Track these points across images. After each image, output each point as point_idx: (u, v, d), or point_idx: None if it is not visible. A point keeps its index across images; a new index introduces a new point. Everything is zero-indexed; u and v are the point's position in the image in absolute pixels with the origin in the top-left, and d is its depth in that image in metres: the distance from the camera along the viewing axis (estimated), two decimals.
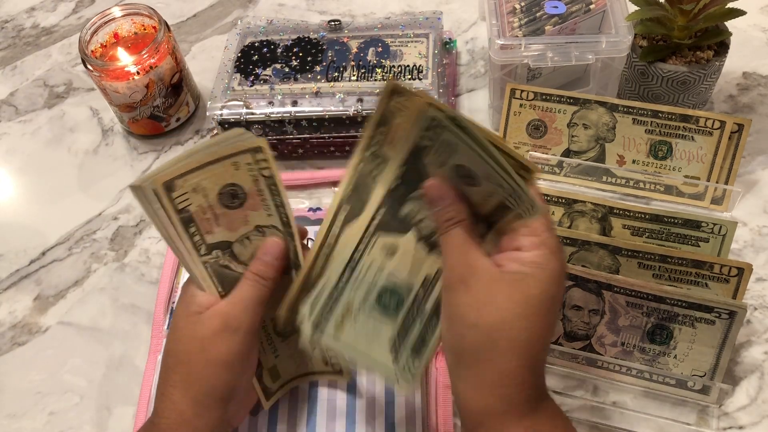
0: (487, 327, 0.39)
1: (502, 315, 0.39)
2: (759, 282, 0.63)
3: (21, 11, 0.96)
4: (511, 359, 0.39)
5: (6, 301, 0.68)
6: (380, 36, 0.75)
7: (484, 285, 0.40)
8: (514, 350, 0.39)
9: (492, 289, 0.40)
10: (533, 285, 0.40)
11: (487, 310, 0.39)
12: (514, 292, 0.40)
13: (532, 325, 0.39)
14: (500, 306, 0.39)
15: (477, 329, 0.39)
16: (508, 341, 0.39)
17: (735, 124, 0.64)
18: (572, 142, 0.69)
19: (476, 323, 0.39)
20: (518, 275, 0.40)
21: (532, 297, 0.40)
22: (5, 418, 0.61)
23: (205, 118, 0.80)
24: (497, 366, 0.39)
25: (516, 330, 0.39)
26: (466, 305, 0.40)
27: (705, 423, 0.56)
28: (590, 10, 0.69)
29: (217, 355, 0.44)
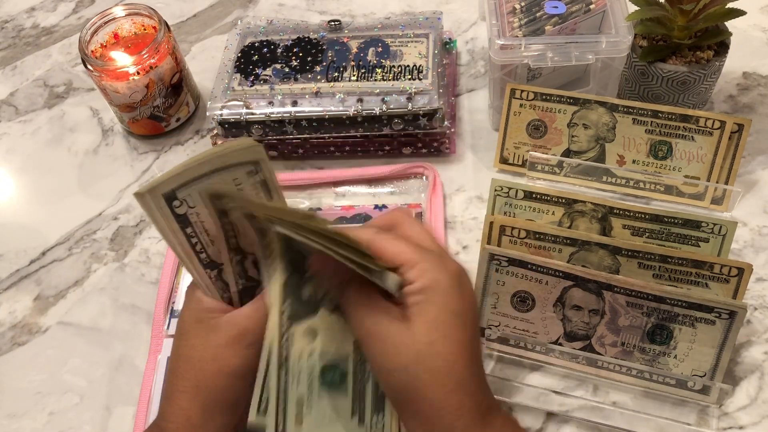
0: (404, 367, 0.39)
1: (413, 350, 0.39)
2: (759, 282, 0.63)
3: (21, 11, 0.96)
4: (437, 389, 0.39)
5: (6, 301, 0.68)
6: (380, 36, 0.75)
7: (387, 330, 0.40)
8: (436, 379, 0.39)
9: (397, 330, 0.40)
10: (429, 310, 0.40)
11: (399, 352, 0.40)
12: (415, 324, 0.40)
13: (444, 348, 0.40)
14: (408, 343, 0.39)
15: (396, 372, 0.40)
16: (427, 373, 0.39)
17: (735, 124, 0.64)
18: (572, 142, 0.69)
19: (394, 367, 0.40)
20: (413, 307, 0.40)
21: (431, 321, 0.40)
22: (5, 418, 0.61)
23: (205, 118, 0.80)
24: (427, 399, 0.39)
25: (430, 359, 0.39)
26: (379, 354, 0.40)
27: (705, 423, 0.56)
28: (590, 10, 0.69)
29: (229, 366, 0.44)
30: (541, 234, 0.58)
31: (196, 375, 0.44)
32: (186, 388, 0.44)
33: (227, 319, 0.45)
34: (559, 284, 0.56)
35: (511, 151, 0.70)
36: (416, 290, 0.41)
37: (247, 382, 0.46)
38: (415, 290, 0.41)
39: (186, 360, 0.45)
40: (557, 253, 0.59)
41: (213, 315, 0.45)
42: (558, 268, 0.56)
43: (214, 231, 0.44)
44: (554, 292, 0.57)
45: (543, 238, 0.58)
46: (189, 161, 0.42)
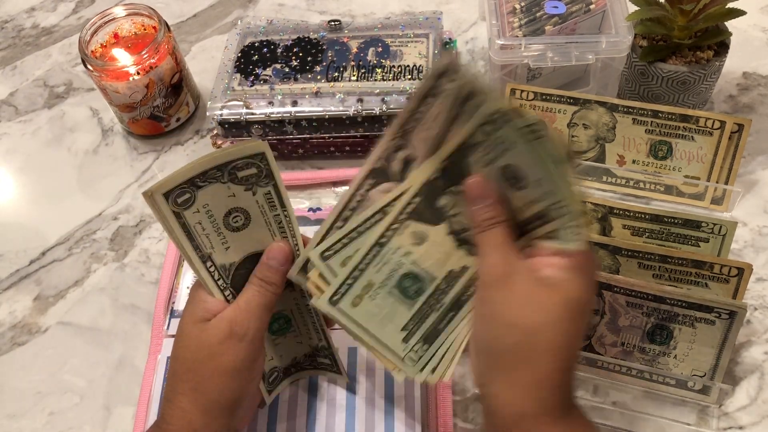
0: (527, 327, 0.39)
1: (542, 316, 0.39)
2: (759, 282, 0.63)
3: (21, 11, 0.96)
4: (549, 362, 0.39)
5: (6, 301, 0.68)
6: (380, 36, 0.75)
7: (523, 286, 0.40)
8: (553, 353, 0.39)
9: (531, 291, 0.40)
10: (570, 289, 0.40)
11: (527, 311, 0.39)
12: (552, 295, 0.40)
13: (570, 328, 0.40)
14: (540, 307, 0.39)
15: (516, 329, 0.39)
16: (547, 343, 0.39)
17: (735, 124, 0.64)
18: (572, 142, 0.69)
19: (515, 323, 0.39)
20: (557, 279, 0.40)
21: (569, 301, 0.40)
22: (5, 418, 0.61)
23: (205, 118, 0.80)
24: (535, 368, 0.39)
25: (555, 333, 0.39)
26: (505, 304, 0.40)
27: (705, 423, 0.56)
28: (590, 10, 0.69)
29: (225, 363, 0.44)
30: None
31: (194, 376, 0.44)
32: (185, 390, 0.44)
33: (218, 317, 0.45)
34: None
35: None
36: (566, 266, 0.41)
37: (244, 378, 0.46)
38: (565, 266, 0.41)
39: (183, 361, 0.45)
40: None
41: (210, 315, 0.45)
42: None
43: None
44: None
45: None
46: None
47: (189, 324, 0.46)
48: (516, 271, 0.41)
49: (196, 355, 0.45)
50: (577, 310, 0.40)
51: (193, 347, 0.45)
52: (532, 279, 0.40)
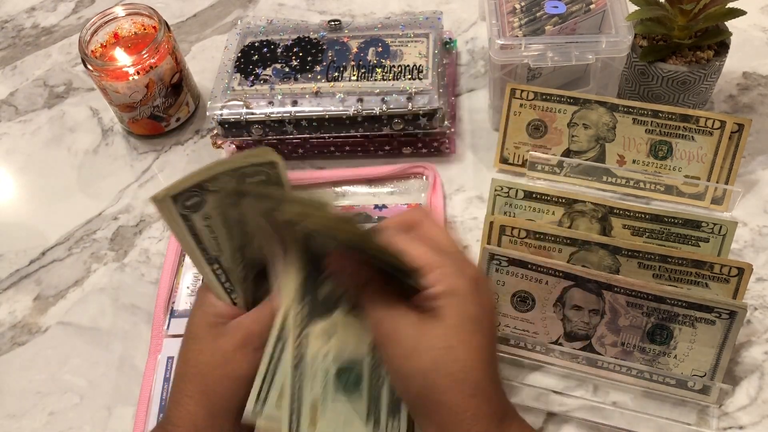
0: (422, 372, 0.39)
1: (431, 355, 0.39)
2: (759, 282, 0.63)
3: (21, 11, 0.96)
4: (455, 394, 0.39)
5: (6, 301, 0.68)
6: (380, 36, 0.75)
7: (406, 333, 0.40)
8: (455, 384, 0.39)
9: (415, 334, 0.40)
10: (448, 314, 0.40)
11: (417, 356, 0.39)
12: (435, 328, 0.40)
13: (462, 353, 0.40)
14: (426, 347, 0.39)
15: (414, 378, 0.40)
16: (446, 378, 0.39)
17: (735, 124, 0.64)
18: (572, 142, 0.69)
19: (411, 372, 0.40)
20: (432, 312, 0.40)
21: (451, 326, 0.40)
22: (5, 418, 0.61)
23: (205, 118, 0.80)
24: (446, 405, 0.39)
25: (448, 363, 0.39)
26: (397, 358, 0.40)
27: (705, 423, 0.56)
28: (590, 10, 0.69)
29: (237, 371, 0.44)
30: (541, 234, 0.58)
31: (204, 380, 0.44)
32: (193, 393, 0.44)
33: (235, 324, 0.45)
34: (559, 284, 0.56)
35: (511, 151, 0.70)
36: (435, 295, 0.41)
37: None
38: (433, 295, 0.41)
39: (194, 364, 0.45)
40: (557, 253, 0.59)
41: (222, 320, 0.45)
42: (558, 268, 0.56)
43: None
44: (554, 292, 0.57)
45: (543, 238, 0.58)
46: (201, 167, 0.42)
47: (201, 327, 0.45)
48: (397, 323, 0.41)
49: (208, 359, 0.44)
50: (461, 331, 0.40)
51: (207, 351, 0.45)
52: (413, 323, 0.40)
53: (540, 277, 0.56)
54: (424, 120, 0.69)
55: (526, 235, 0.59)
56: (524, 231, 0.59)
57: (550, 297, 0.57)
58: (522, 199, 0.63)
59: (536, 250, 0.59)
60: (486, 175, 0.71)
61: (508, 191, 0.63)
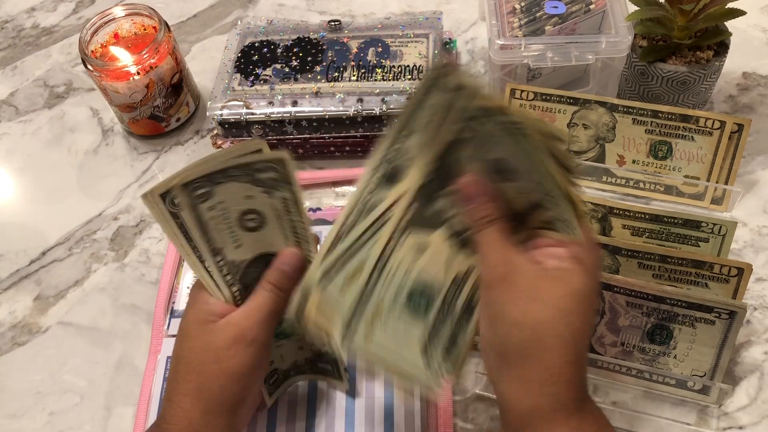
0: (533, 324, 0.39)
1: (547, 311, 0.39)
2: (759, 282, 0.63)
3: (21, 11, 0.96)
4: (559, 355, 0.39)
5: (6, 301, 0.68)
6: (380, 36, 0.75)
7: (526, 282, 0.40)
8: (561, 346, 0.39)
9: (535, 286, 0.40)
10: (575, 280, 0.40)
11: (532, 307, 0.39)
12: (556, 287, 0.39)
13: (576, 320, 0.39)
14: (544, 302, 0.39)
15: (522, 327, 0.39)
16: (554, 338, 0.39)
17: (735, 124, 0.64)
18: (572, 142, 0.69)
19: (521, 320, 0.39)
20: (559, 271, 0.40)
21: (575, 292, 0.40)
22: (5, 418, 0.61)
23: (205, 118, 0.80)
24: (545, 363, 0.39)
25: (561, 326, 0.39)
26: (509, 303, 0.40)
27: (705, 423, 0.56)
28: (590, 10, 0.69)
29: (230, 367, 0.44)
30: None
31: (198, 377, 0.44)
32: (187, 391, 0.44)
33: (227, 320, 0.45)
34: None
35: None
36: (569, 255, 0.40)
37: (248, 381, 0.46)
38: (568, 254, 0.40)
39: (187, 362, 0.45)
40: None
41: (214, 317, 0.45)
42: None
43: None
44: None
45: None
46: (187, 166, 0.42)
47: (193, 325, 0.46)
48: (516, 269, 0.40)
49: (201, 357, 0.44)
50: (582, 301, 0.40)
51: (198, 349, 0.45)
52: (535, 273, 0.40)
53: None
54: None
55: None
56: None
57: None
58: None
59: None
60: None
61: None
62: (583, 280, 0.40)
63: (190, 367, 0.45)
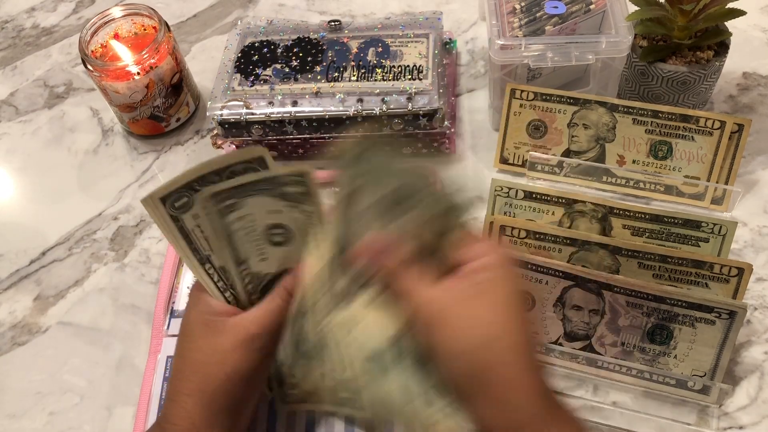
0: (475, 347, 0.39)
1: (486, 330, 0.39)
2: (759, 282, 0.63)
3: (21, 11, 0.96)
4: (513, 368, 0.39)
5: (6, 301, 0.68)
6: (380, 36, 0.75)
7: (454, 311, 0.40)
8: (512, 358, 0.39)
9: (464, 311, 0.39)
10: (498, 287, 0.40)
11: (470, 332, 0.39)
12: (482, 303, 0.39)
13: (514, 326, 0.39)
14: (478, 322, 0.39)
15: (465, 356, 0.39)
16: (502, 352, 0.39)
17: (735, 124, 0.64)
18: (572, 142, 0.69)
19: (462, 351, 0.39)
20: (480, 286, 0.40)
21: (499, 301, 0.40)
22: (5, 418, 0.61)
23: (205, 118, 0.80)
24: (502, 380, 0.38)
25: (503, 338, 0.39)
26: (448, 338, 0.39)
27: (705, 423, 0.56)
28: (590, 10, 0.69)
29: (236, 370, 0.44)
30: (541, 234, 0.58)
31: (202, 378, 0.44)
32: (191, 391, 0.44)
33: (235, 322, 0.44)
34: (559, 284, 0.56)
35: (511, 151, 0.70)
36: (481, 267, 0.40)
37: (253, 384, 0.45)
38: (480, 267, 0.40)
39: (191, 363, 0.45)
40: (557, 253, 0.59)
41: (219, 318, 0.45)
42: (558, 268, 0.56)
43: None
44: (554, 292, 0.57)
45: (543, 238, 0.58)
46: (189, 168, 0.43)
47: (197, 325, 0.45)
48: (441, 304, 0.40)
49: (206, 358, 0.44)
50: (510, 303, 0.40)
51: (204, 349, 0.44)
52: (458, 300, 0.40)
53: (540, 277, 0.56)
54: (424, 120, 0.69)
55: (526, 235, 0.59)
56: (524, 231, 0.59)
57: (550, 297, 0.57)
58: (522, 200, 0.63)
59: (536, 250, 0.59)
60: (486, 175, 0.71)
61: (508, 191, 0.63)
62: (504, 285, 0.40)
63: (193, 367, 0.45)
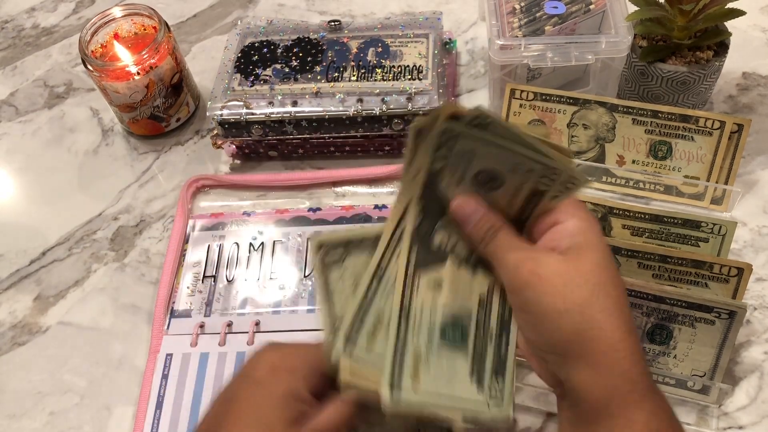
0: (578, 305, 0.38)
1: (585, 289, 0.38)
2: (759, 282, 0.63)
3: (21, 11, 0.96)
4: (615, 328, 0.38)
5: (6, 301, 0.68)
6: (380, 36, 0.75)
7: (552, 270, 0.39)
8: (613, 319, 0.38)
9: (564, 271, 0.39)
10: (593, 250, 0.39)
11: (569, 290, 0.38)
12: (581, 264, 0.39)
13: (612, 288, 0.39)
14: (579, 282, 0.38)
15: (570, 312, 0.38)
16: (602, 312, 0.38)
17: (735, 124, 0.64)
18: (572, 142, 0.69)
19: (566, 307, 0.38)
20: (575, 248, 0.40)
21: (598, 262, 0.39)
22: (5, 418, 0.61)
23: (205, 118, 0.80)
24: (606, 340, 0.38)
25: (603, 299, 0.38)
26: (545, 296, 0.39)
27: (705, 423, 0.56)
28: (590, 11, 0.69)
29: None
30: None
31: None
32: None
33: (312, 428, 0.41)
34: None
35: None
36: (575, 231, 0.40)
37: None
38: (573, 230, 0.40)
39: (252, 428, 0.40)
40: None
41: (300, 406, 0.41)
42: None
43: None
44: None
45: None
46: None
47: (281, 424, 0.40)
48: (537, 262, 0.40)
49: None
50: (608, 267, 0.39)
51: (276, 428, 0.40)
52: (555, 259, 0.39)
53: None
54: None
55: None
56: None
57: None
58: None
59: None
60: None
61: None
62: (598, 248, 0.39)
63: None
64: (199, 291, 0.65)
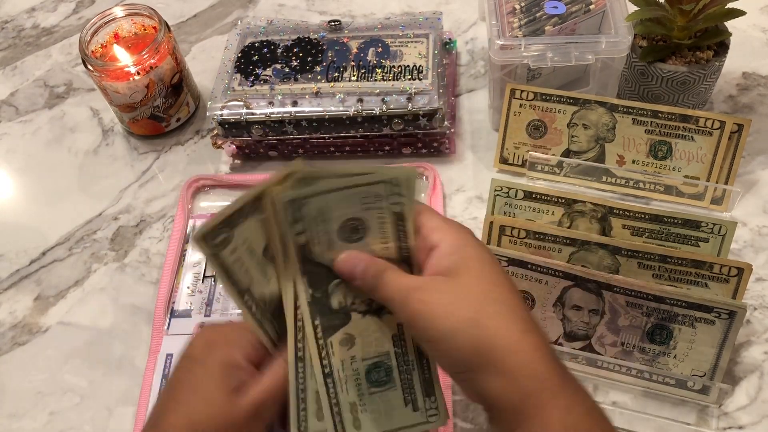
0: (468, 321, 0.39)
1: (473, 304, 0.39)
2: (759, 282, 0.63)
3: (21, 11, 0.96)
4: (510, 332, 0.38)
5: (6, 301, 0.68)
6: (380, 36, 0.75)
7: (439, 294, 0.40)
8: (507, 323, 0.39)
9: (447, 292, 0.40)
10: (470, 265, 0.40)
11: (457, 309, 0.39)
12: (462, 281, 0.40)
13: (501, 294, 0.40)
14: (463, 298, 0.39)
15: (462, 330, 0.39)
16: (494, 319, 0.39)
17: (735, 124, 0.64)
18: (572, 142, 0.69)
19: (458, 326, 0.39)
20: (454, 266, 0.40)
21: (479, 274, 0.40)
22: (5, 418, 0.61)
23: (205, 118, 0.80)
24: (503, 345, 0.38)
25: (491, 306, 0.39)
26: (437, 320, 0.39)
27: (705, 423, 0.56)
28: (590, 11, 0.69)
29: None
30: (541, 234, 0.58)
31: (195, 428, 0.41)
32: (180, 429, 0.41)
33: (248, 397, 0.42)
34: (559, 284, 0.56)
35: (511, 151, 0.70)
36: (450, 250, 0.41)
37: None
38: (448, 250, 0.41)
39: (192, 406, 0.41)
40: (557, 253, 0.59)
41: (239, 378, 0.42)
42: (558, 267, 0.56)
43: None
44: (554, 292, 0.57)
45: (543, 238, 0.58)
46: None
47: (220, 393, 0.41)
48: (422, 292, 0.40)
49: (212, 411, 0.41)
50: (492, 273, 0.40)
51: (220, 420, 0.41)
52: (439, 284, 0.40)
53: (540, 277, 0.56)
54: (424, 120, 0.69)
55: (526, 235, 0.59)
56: (524, 231, 0.59)
57: (550, 297, 0.57)
58: (522, 200, 0.63)
59: (536, 250, 0.59)
60: (486, 175, 0.71)
61: (507, 191, 0.63)
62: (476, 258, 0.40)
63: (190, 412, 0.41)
64: (200, 291, 0.65)
